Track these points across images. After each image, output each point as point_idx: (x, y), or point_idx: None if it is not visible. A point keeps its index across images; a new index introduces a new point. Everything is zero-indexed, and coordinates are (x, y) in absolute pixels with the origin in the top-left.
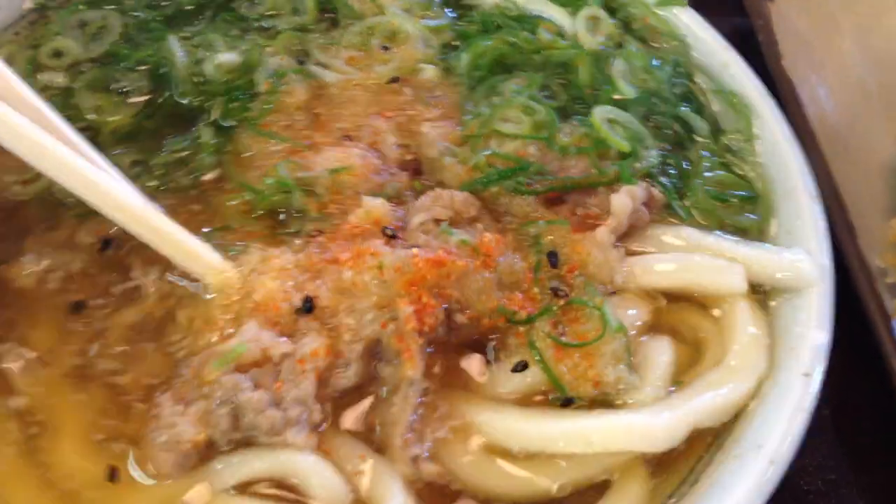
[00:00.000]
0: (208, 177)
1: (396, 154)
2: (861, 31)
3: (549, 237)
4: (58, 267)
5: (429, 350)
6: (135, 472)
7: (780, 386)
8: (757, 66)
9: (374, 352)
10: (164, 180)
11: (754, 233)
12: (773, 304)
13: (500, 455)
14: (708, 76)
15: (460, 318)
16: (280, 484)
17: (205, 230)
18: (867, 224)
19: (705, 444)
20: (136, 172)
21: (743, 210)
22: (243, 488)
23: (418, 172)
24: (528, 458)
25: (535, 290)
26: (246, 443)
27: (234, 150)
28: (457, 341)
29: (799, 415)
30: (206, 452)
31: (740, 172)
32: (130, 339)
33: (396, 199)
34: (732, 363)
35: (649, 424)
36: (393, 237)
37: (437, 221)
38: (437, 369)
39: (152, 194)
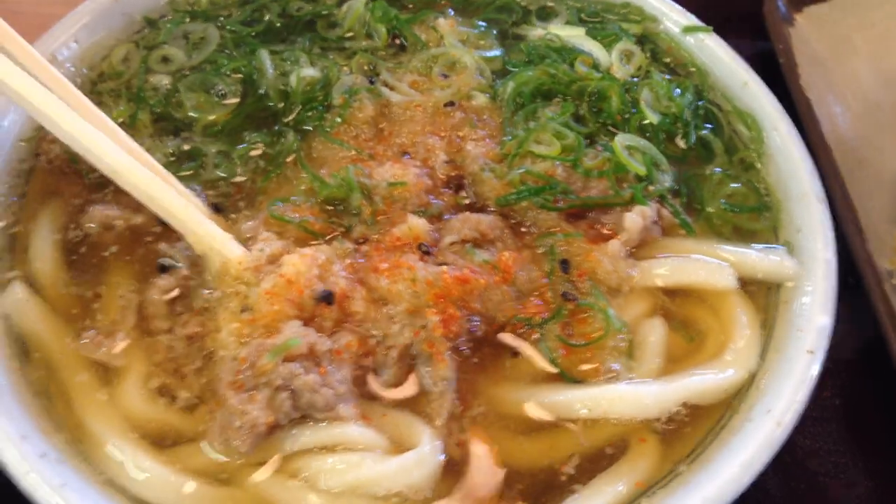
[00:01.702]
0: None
1: (444, 168)
2: (875, 54)
3: (564, 247)
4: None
5: (463, 349)
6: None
7: (789, 361)
8: (777, 86)
9: (409, 356)
10: (243, 168)
11: (767, 234)
12: (783, 292)
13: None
14: (727, 97)
15: (482, 327)
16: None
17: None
18: (877, 230)
19: (721, 411)
20: (218, 161)
21: (755, 217)
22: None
23: (461, 187)
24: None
25: (549, 294)
26: (300, 420)
27: (307, 152)
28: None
29: (803, 385)
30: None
31: (753, 185)
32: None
33: (438, 217)
34: (728, 358)
35: (640, 393)
36: (427, 253)
37: (465, 241)
38: (475, 360)
39: (225, 180)
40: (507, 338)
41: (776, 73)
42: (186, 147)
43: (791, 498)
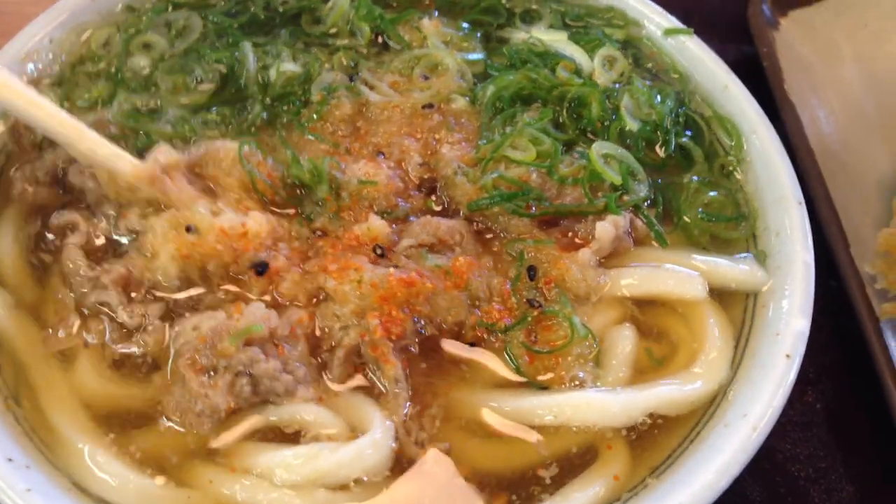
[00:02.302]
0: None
1: (418, 171)
2: (861, 58)
3: (533, 254)
4: None
5: (411, 349)
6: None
7: (765, 365)
8: (762, 90)
9: (357, 356)
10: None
11: (743, 242)
12: (761, 296)
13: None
14: (708, 102)
15: (429, 329)
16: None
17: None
18: (859, 235)
19: (698, 417)
20: (174, 121)
21: (733, 226)
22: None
23: (432, 191)
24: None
25: (513, 300)
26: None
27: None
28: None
29: (781, 389)
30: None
31: (732, 193)
32: None
33: (403, 220)
34: (698, 370)
35: (606, 401)
36: (382, 256)
37: (422, 246)
38: (429, 362)
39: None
40: (462, 343)
41: (761, 77)
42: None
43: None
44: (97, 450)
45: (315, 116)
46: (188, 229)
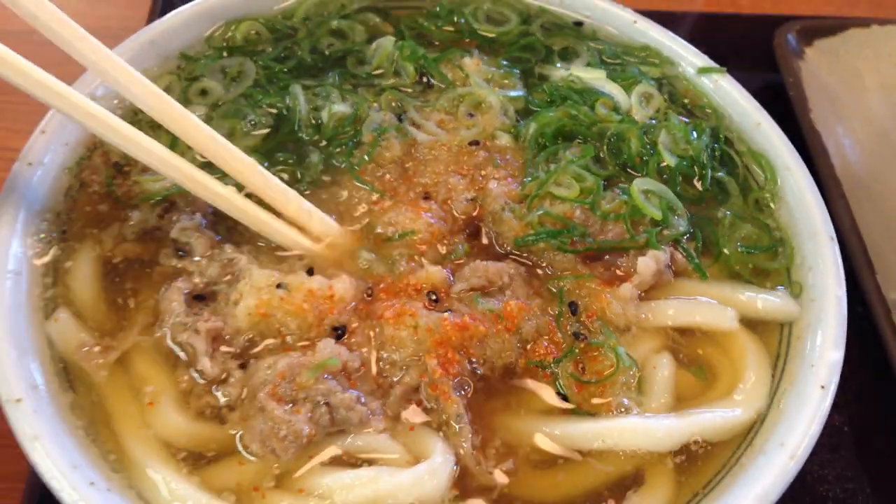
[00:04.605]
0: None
1: (464, 207)
2: (885, 87)
3: (575, 289)
4: None
5: (467, 388)
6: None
7: (801, 396)
8: (787, 118)
9: (416, 399)
10: None
11: (781, 273)
12: (796, 329)
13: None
14: (742, 138)
15: (484, 369)
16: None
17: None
18: (885, 262)
19: (736, 445)
20: None
21: (771, 256)
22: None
23: (477, 231)
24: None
25: (558, 336)
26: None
27: (333, 186)
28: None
29: (816, 419)
30: None
31: (766, 225)
32: None
33: (456, 261)
34: (737, 398)
35: (651, 427)
36: (436, 301)
37: (473, 290)
38: (485, 399)
39: None
40: (517, 379)
41: (787, 105)
42: None
43: None
44: (171, 477)
45: (367, 158)
46: (279, 286)
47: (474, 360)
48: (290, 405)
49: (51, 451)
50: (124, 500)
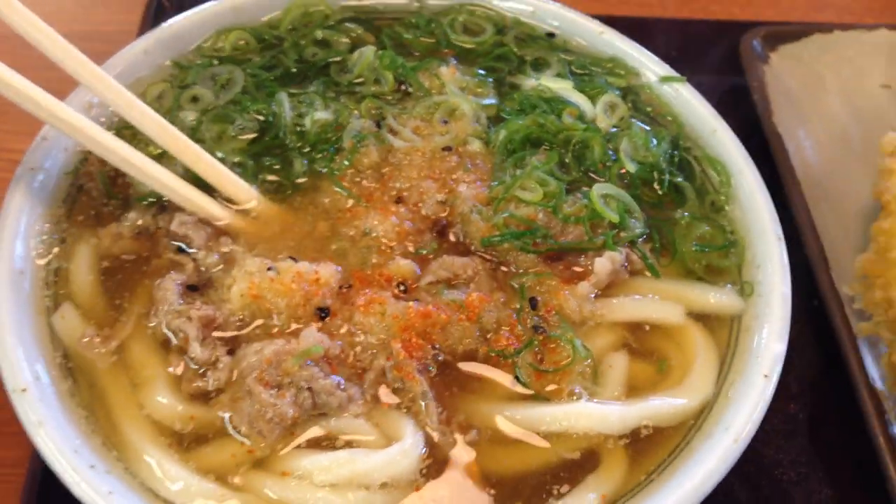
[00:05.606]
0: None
1: (435, 209)
2: (845, 91)
3: (536, 286)
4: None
5: (430, 369)
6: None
7: (746, 384)
8: (750, 121)
9: (385, 382)
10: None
11: (733, 271)
12: (745, 323)
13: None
14: (698, 144)
15: (445, 356)
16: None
17: None
18: (840, 259)
19: (686, 429)
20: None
21: (724, 255)
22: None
23: (444, 231)
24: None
25: (518, 329)
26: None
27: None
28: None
29: (759, 405)
30: None
31: (720, 225)
32: None
33: (426, 257)
34: (686, 387)
35: (605, 412)
36: (405, 291)
37: (440, 281)
38: (441, 384)
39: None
40: (479, 366)
41: (751, 108)
42: None
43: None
44: (165, 460)
45: (346, 163)
46: (269, 269)
47: (437, 345)
48: (276, 389)
49: (54, 437)
50: (122, 482)
